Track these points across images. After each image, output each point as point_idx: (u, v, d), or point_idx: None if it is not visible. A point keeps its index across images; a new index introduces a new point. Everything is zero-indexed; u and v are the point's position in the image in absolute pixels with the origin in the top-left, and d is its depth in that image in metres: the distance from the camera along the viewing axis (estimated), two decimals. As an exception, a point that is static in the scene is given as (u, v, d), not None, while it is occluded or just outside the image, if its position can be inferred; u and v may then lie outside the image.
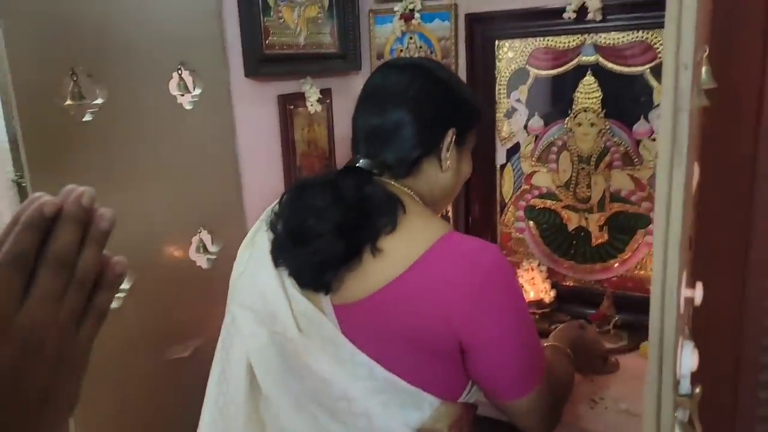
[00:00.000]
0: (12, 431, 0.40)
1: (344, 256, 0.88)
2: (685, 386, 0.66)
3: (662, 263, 0.60)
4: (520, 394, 0.93)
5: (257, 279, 0.96)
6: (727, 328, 1.10)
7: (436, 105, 0.99)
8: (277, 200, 1.00)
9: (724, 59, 1.02)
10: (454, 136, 1.00)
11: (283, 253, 0.93)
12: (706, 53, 0.86)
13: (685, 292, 0.63)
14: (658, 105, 1.56)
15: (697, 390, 0.65)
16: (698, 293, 0.64)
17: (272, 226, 0.97)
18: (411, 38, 1.90)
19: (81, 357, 0.45)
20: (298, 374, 0.89)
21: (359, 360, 0.88)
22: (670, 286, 0.59)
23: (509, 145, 1.80)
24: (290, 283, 0.93)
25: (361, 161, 0.98)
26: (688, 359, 0.64)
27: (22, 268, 0.41)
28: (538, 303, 1.74)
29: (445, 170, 1.01)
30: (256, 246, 0.99)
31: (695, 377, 0.67)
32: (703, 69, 0.84)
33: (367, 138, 1.00)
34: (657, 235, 0.60)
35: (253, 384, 0.94)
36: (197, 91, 1.47)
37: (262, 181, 1.69)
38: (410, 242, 0.89)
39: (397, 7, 1.86)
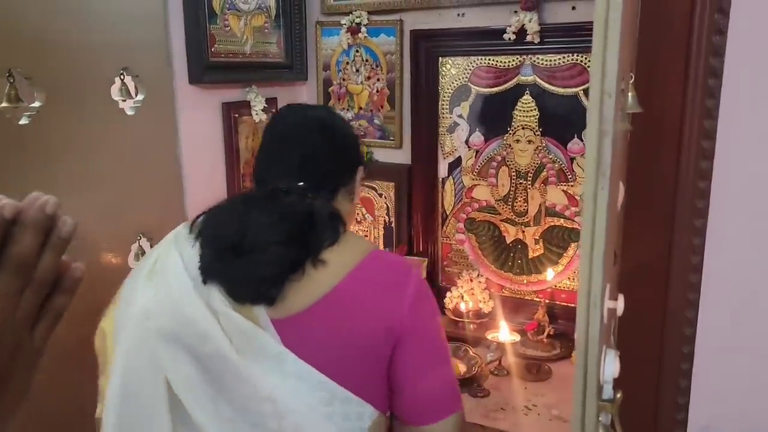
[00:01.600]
0: None
1: (288, 269, 0.88)
2: (608, 391, 0.70)
3: (587, 277, 0.64)
4: (442, 416, 0.92)
5: (180, 305, 0.89)
6: (651, 336, 1.17)
7: (348, 143, 1.10)
8: (183, 225, 0.97)
9: (648, 86, 1.08)
10: (363, 173, 1.11)
11: (219, 267, 0.90)
12: (632, 80, 0.92)
13: (609, 304, 0.67)
14: (590, 125, 1.64)
15: (619, 395, 0.70)
16: (620, 305, 0.69)
17: (205, 242, 0.92)
18: (357, 51, 1.93)
19: (34, 357, 0.46)
20: (229, 396, 0.85)
21: (304, 372, 0.86)
22: (594, 299, 0.64)
23: (451, 159, 1.85)
24: (218, 300, 0.88)
25: (295, 184, 0.99)
26: (611, 366, 0.68)
27: None
28: (477, 313, 1.79)
29: (355, 202, 1.11)
30: (169, 274, 0.92)
31: (618, 383, 0.71)
32: (629, 95, 0.90)
33: (291, 169, 1.03)
34: (583, 251, 0.64)
35: (176, 418, 0.86)
36: (140, 97, 1.45)
37: (205, 189, 1.68)
38: (345, 254, 0.92)
39: (344, 20, 1.89)
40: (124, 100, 1.42)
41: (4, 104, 1.16)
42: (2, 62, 1.16)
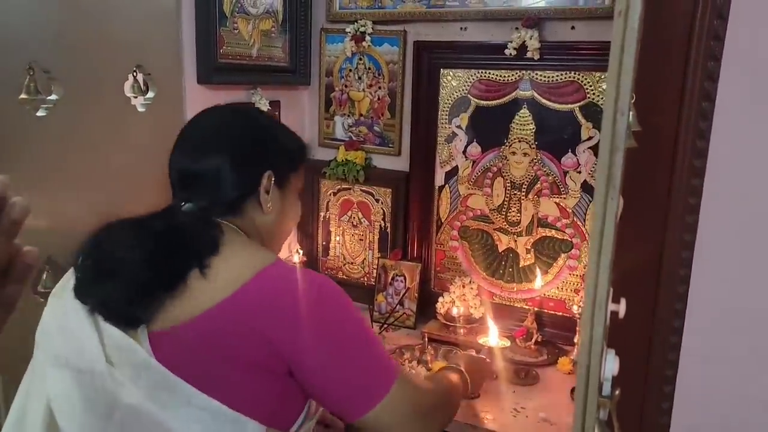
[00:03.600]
0: None
1: (160, 285, 0.85)
2: (607, 388, 0.75)
3: (594, 279, 0.69)
4: (376, 401, 0.91)
5: (68, 317, 0.88)
6: (639, 343, 1.22)
7: (249, 148, 1.00)
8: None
9: (646, 106, 1.15)
10: (273, 179, 1.00)
11: (88, 289, 0.88)
12: (633, 100, 0.98)
13: (612, 306, 0.73)
14: (585, 140, 1.71)
15: (617, 392, 0.75)
16: (622, 307, 0.74)
17: (75, 265, 0.91)
18: (360, 59, 1.98)
19: None
20: (104, 413, 0.82)
21: (176, 386, 0.83)
22: (600, 300, 0.69)
23: (448, 168, 1.91)
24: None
25: (183, 206, 0.96)
26: (611, 365, 0.73)
27: None
28: (468, 318, 1.84)
29: (267, 212, 1.01)
30: (68, 286, 0.91)
31: (615, 381, 0.76)
32: (631, 114, 0.96)
33: (181, 181, 0.99)
34: (591, 257, 0.69)
35: None
36: (151, 94, 1.48)
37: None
38: (236, 268, 0.88)
39: (349, 29, 1.94)
40: (136, 97, 1.45)
41: (23, 96, 1.19)
42: (23, 56, 1.19)
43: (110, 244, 0.89)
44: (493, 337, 1.76)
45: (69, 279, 0.92)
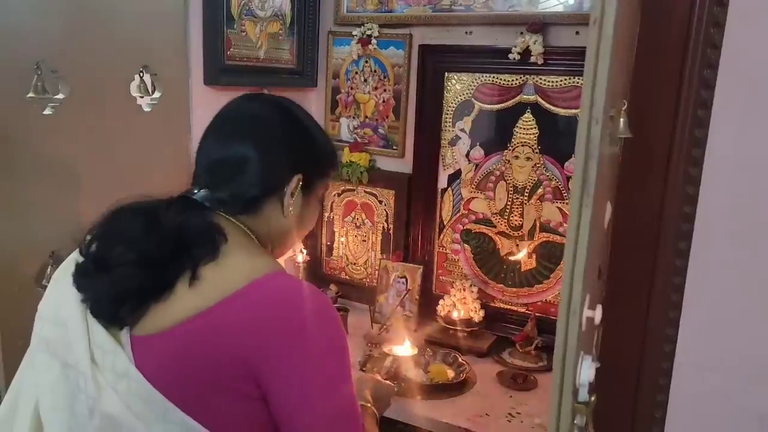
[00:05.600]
0: None
1: (149, 289, 0.82)
2: (584, 395, 0.76)
3: (569, 286, 0.70)
4: None
5: (61, 306, 0.86)
6: (631, 351, 1.22)
7: (286, 146, 0.94)
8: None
9: (640, 113, 1.14)
10: (301, 183, 0.95)
11: (84, 279, 0.85)
12: (625, 106, 0.98)
13: (587, 313, 0.73)
14: (587, 146, 1.71)
15: (593, 398, 0.75)
16: (598, 314, 0.74)
17: (81, 249, 0.88)
18: (366, 62, 1.99)
19: None
20: (84, 413, 0.80)
21: (152, 398, 0.79)
22: (574, 306, 0.70)
23: (451, 171, 1.91)
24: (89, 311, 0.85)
25: (197, 193, 0.92)
26: (587, 371, 0.74)
27: None
28: (468, 321, 1.84)
29: (287, 216, 0.95)
30: (67, 276, 0.88)
31: (596, 393, 0.77)
32: (621, 120, 0.96)
33: (208, 169, 0.94)
34: (566, 262, 0.70)
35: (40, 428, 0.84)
36: (157, 95, 1.51)
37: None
38: (229, 276, 0.83)
39: (356, 32, 1.96)
40: (142, 97, 1.48)
41: (31, 94, 1.22)
42: (31, 55, 1.22)
43: (114, 234, 0.87)
44: (405, 346, 1.71)
45: (71, 264, 0.89)
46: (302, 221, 1.00)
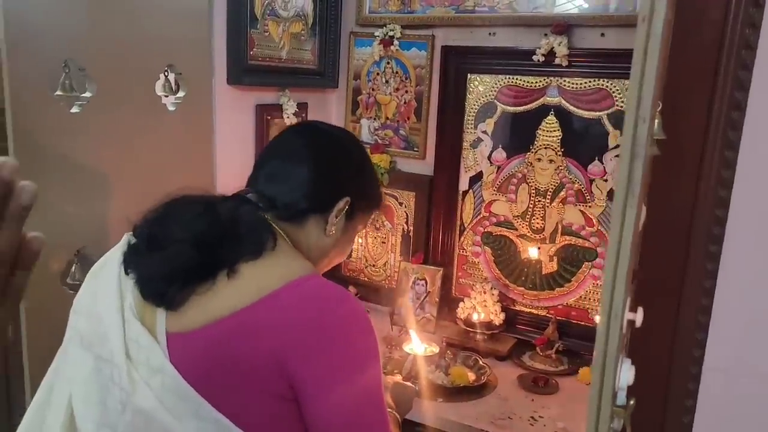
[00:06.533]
0: None
1: (195, 272, 0.84)
2: (622, 398, 0.74)
3: (611, 288, 0.68)
4: None
5: (97, 299, 0.88)
6: (660, 355, 1.21)
7: (340, 172, 1.02)
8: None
9: (673, 115, 1.13)
10: (347, 206, 1.00)
11: (135, 258, 0.88)
12: (660, 108, 0.97)
13: (628, 315, 0.72)
14: (613, 148, 1.69)
15: (632, 402, 0.74)
16: (639, 316, 0.73)
17: (134, 230, 0.91)
18: (388, 63, 1.99)
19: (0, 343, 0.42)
20: (117, 407, 0.81)
21: (186, 394, 0.80)
22: (616, 309, 0.68)
23: (472, 173, 1.91)
24: (129, 306, 0.86)
25: (249, 194, 0.98)
26: (626, 374, 0.73)
27: None
28: (488, 324, 1.83)
29: (328, 234, 1.00)
30: (107, 266, 0.91)
31: (630, 391, 0.76)
32: (656, 122, 0.95)
33: (265, 176, 1.00)
34: (608, 265, 0.69)
35: (72, 421, 0.85)
36: (181, 94, 1.51)
37: (235, 188, 1.73)
38: (266, 276, 0.85)
39: (378, 33, 1.96)
40: (167, 96, 1.48)
41: (59, 92, 1.23)
42: (60, 53, 1.22)
43: (170, 217, 0.89)
44: (417, 344, 1.70)
45: (108, 258, 0.92)
46: (338, 245, 1.04)
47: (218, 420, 0.80)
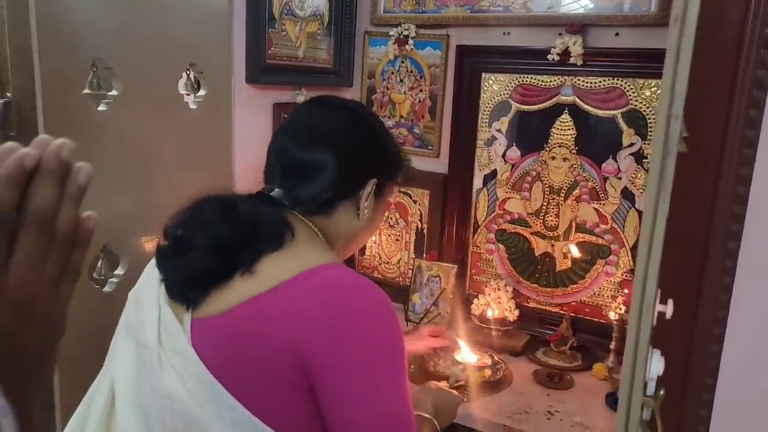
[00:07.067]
0: (6, 395, 0.37)
1: (217, 273, 0.85)
2: (651, 388, 0.76)
3: (642, 281, 0.70)
4: None
5: (142, 289, 0.93)
6: (679, 350, 1.22)
7: (362, 153, 0.99)
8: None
9: (693, 113, 1.15)
10: (374, 187, 0.99)
11: (163, 260, 0.91)
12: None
13: (659, 307, 0.74)
14: (627, 146, 1.71)
15: (662, 392, 0.76)
16: (669, 308, 0.75)
17: (165, 232, 0.93)
18: (403, 62, 2.01)
19: (61, 317, 0.43)
20: (148, 392, 0.84)
21: (204, 379, 0.82)
22: (648, 301, 0.70)
23: (487, 171, 1.92)
24: (163, 294, 0.89)
25: (274, 191, 0.96)
26: (656, 365, 0.75)
27: (5, 230, 0.39)
28: (502, 321, 1.85)
29: (361, 219, 1.00)
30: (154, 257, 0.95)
31: (660, 381, 0.78)
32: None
33: (285, 169, 0.97)
34: (640, 258, 0.71)
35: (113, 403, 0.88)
36: (202, 92, 1.54)
37: (253, 186, 1.75)
38: (285, 265, 0.85)
39: (393, 32, 1.98)
40: (189, 94, 1.50)
41: (86, 91, 1.25)
42: (88, 53, 1.25)
43: (194, 220, 0.91)
44: (467, 354, 1.64)
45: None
46: (372, 222, 1.05)
47: (233, 406, 0.81)
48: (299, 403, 0.84)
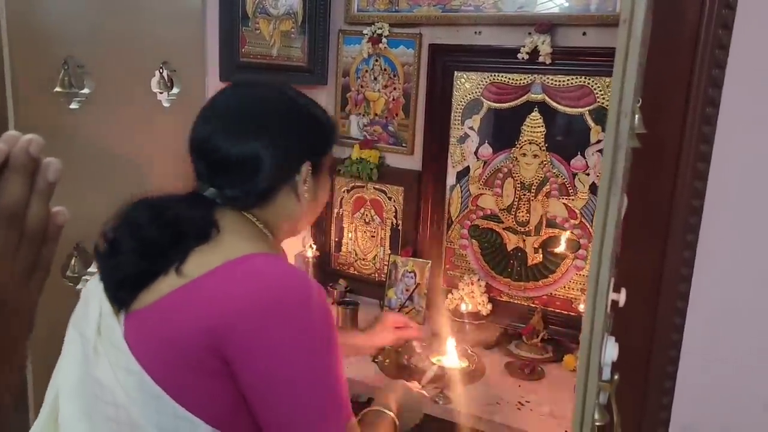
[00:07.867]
0: None
1: (146, 275, 0.87)
2: (607, 373, 0.80)
3: (596, 269, 0.74)
4: None
5: (90, 284, 0.96)
6: (640, 339, 1.27)
7: (293, 137, 0.95)
8: None
9: (652, 110, 1.19)
10: (311, 168, 0.97)
11: (100, 262, 0.92)
12: (639, 103, 1.03)
13: (612, 296, 0.77)
14: (594, 143, 1.76)
15: (616, 377, 0.80)
16: (622, 297, 0.79)
17: (102, 233, 0.93)
18: (377, 61, 2.03)
19: (31, 310, 0.44)
20: (83, 380, 0.87)
21: (132, 369, 0.84)
22: (601, 288, 0.74)
23: (459, 168, 1.96)
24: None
25: (208, 191, 0.95)
26: (611, 350, 0.78)
27: None
28: (475, 315, 1.89)
29: (303, 201, 0.98)
30: None
31: (614, 366, 0.81)
32: (636, 116, 1.00)
33: (216, 167, 0.94)
34: (594, 247, 0.74)
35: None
36: (175, 90, 1.55)
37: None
38: (207, 258, 0.86)
39: (366, 31, 2.00)
40: (162, 93, 1.51)
41: (58, 89, 1.25)
42: (60, 50, 1.25)
43: (126, 223, 0.91)
44: (452, 357, 1.55)
45: None
46: (317, 200, 1.02)
47: (159, 396, 0.82)
48: (222, 390, 0.85)
